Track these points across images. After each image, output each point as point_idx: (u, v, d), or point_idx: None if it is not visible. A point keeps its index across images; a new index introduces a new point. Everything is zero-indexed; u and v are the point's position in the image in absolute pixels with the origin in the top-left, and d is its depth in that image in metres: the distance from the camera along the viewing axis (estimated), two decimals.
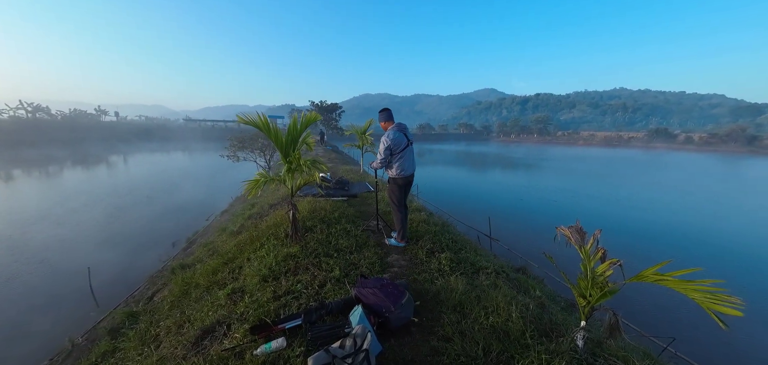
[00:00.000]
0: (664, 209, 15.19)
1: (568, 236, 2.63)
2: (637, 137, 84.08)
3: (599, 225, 9.79)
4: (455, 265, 3.39)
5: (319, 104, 49.38)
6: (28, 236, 9.77)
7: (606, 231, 9.16)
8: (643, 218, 13.32)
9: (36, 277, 7.24)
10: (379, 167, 3.90)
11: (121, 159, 34.56)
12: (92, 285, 6.92)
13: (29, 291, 6.79)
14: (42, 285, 7.01)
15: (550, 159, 41.45)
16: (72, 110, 71.78)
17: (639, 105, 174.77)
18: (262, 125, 3.98)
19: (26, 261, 8.04)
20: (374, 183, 5.61)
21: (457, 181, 22.61)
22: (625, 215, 13.84)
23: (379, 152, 3.84)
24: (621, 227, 12.07)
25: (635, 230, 11.70)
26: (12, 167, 26.28)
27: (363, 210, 5.66)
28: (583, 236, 2.64)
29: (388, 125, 3.90)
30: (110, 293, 6.39)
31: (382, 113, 4.00)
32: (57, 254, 8.54)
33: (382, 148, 3.75)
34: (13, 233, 9.97)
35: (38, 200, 14.96)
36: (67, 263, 8.05)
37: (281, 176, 4.16)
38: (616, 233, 11.07)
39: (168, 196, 15.90)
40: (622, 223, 12.59)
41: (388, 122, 3.91)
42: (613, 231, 11.26)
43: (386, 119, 3.94)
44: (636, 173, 29.26)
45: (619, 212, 14.39)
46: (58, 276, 7.48)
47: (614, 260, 2.38)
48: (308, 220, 4.73)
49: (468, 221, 9.69)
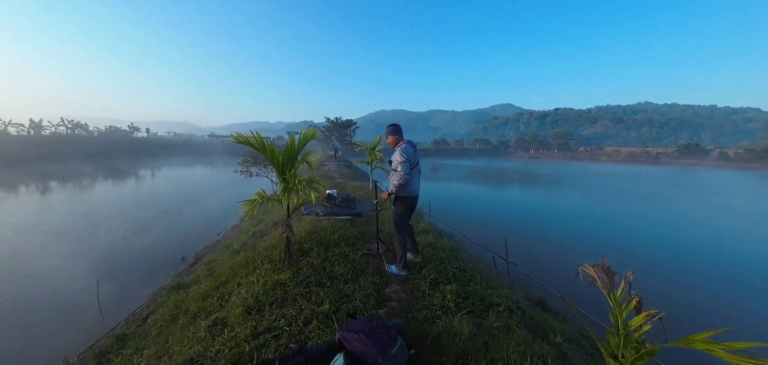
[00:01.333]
0: (713, 236, 12.68)
1: (594, 277, 2.21)
2: (665, 153, 79.84)
3: (632, 254, 8.89)
4: (462, 300, 2.99)
5: (335, 120, 50.14)
6: (51, 248, 10.06)
7: (638, 262, 8.26)
8: (687, 243, 11.70)
9: (45, 290, 7.31)
10: (402, 182, 3.49)
11: (148, 173, 36.06)
12: (99, 299, 6.96)
13: (41, 302, 6.87)
14: (55, 297, 7.07)
15: (572, 175, 39.77)
16: (107, 127, 76.59)
17: (666, 120, 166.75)
18: (257, 143, 3.81)
19: (43, 273, 8.20)
20: (381, 201, 5.31)
21: (472, 198, 21.84)
22: (663, 241, 11.94)
23: (394, 169, 3.54)
24: (658, 256, 10.19)
25: (678, 261, 9.81)
26: (49, 180, 28.00)
27: (366, 231, 5.35)
28: (612, 278, 2.21)
29: (397, 141, 3.69)
30: (118, 307, 6.38)
31: (391, 128, 3.78)
32: (73, 267, 8.68)
33: (397, 161, 3.47)
34: (44, 242, 10.32)
35: (65, 212, 15.58)
36: (83, 274, 8.16)
37: (277, 196, 3.95)
38: (652, 265, 9.56)
39: (186, 209, 16.23)
40: (659, 251, 10.67)
41: (397, 138, 3.71)
42: (648, 262, 9.72)
43: (394, 133, 3.73)
44: (672, 191, 27.27)
45: (654, 237, 12.52)
46: (70, 288, 7.56)
47: (653, 313, 1.94)
48: (306, 241, 4.47)
49: (483, 242, 9.16)
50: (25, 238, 11.14)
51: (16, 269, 8.40)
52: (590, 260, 2.46)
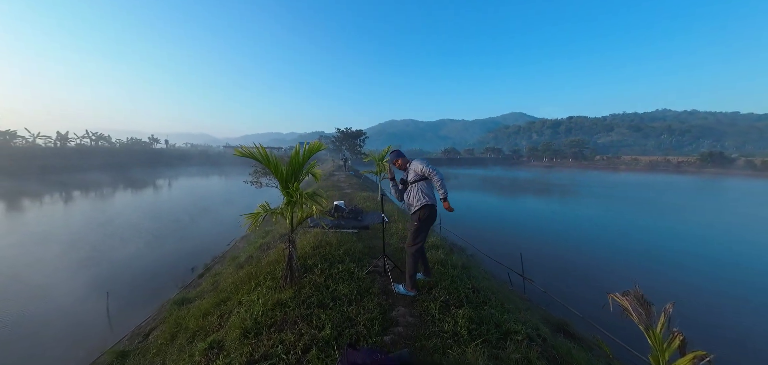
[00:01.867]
0: (756, 256, 11.27)
1: (627, 309, 1.94)
2: (687, 162, 76.71)
3: (664, 275, 8.13)
4: (475, 327, 2.74)
5: (345, 130, 50.53)
6: (67, 258, 10.25)
7: (672, 284, 7.50)
8: (727, 263, 10.38)
9: (55, 302, 7.37)
10: (446, 192, 3.33)
11: (165, 183, 37.03)
12: (109, 310, 6.99)
13: (51, 314, 6.92)
14: (63, 310, 7.12)
15: (592, 185, 38.45)
16: (129, 139, 79.71)
17: (686, 127, 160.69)
18: (261, 157, 3.70)
19: (55, 284, 8.31)
20: (391, 212, 5.11)
21: (485, 209, 21.26)
22: (698, 260, 10.55)
23: (415, 180, 3.45)
24: (694, 279, 8.93)
25: (718, 285, 8.56)
26: (71, 189, 29.11)
27: (373, 245, 5.13)
28: (649, 310, 1.93)
29: (404, 162, 3.75)
30: (126, 318, 6.40)
31: (395, 153, 3.88)
32: (85, 277, 8.78)
33: (428, 171, 3.39)
34: (61, 252, 10.56)
35: (82, 222, 16.00)
36: (94, 284, 8.24)
37: (280, 210, 3.82)
38: (688, 288, 8.30)
39: (200, 218, 16.43)
40: (695, 272, 9.44)
41: (404, 160, 3.77)
42: (683, 284, 8.51)
43: (399, 156, 3.82)
44: (700, 202, 25.77)
45: (687, 255, 11.12)
46: (80, 299, 7.63)
47: (701, 355, 1.66)
48: (309, 257, 4.29)
49: (497, 256, 8.78)
50: (44, 247, 11.45)
51: (30, 279, 8.56)
52: (615, 280, 2.19)
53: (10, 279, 8.53)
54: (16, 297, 7.46)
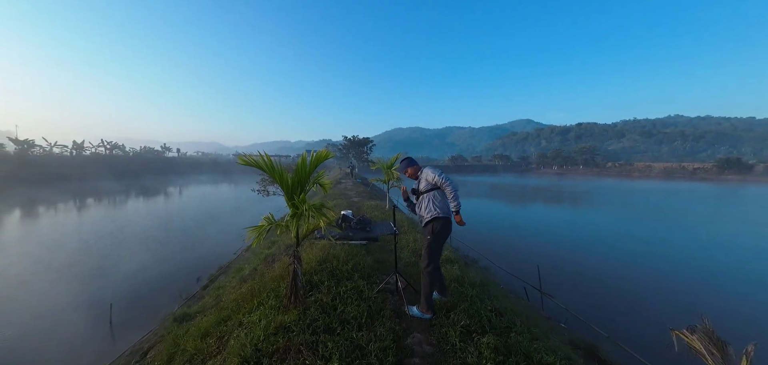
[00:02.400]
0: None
1: (699, 352, 1.60)
2: (704, 168, 74.43)
3: (712, 294, 7.21)
4: (502, 359, 2.41)
5: (352, 138, 50.61)
6: (74, 270, 10.20)
7: (725, 308, 6.53)
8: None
9: (59, 313, 7.23)
10: (459, 205, 3.13)
11: (176, 191, 37.47)
12: (112, 322, 6.83)
13: (63, 320, 6.83)
14: (66, 321, 6.98)
15: (606, 193, 37.36)
16: (142, 147, 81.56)
17: (700, 133, 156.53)
18: (266, 165, 3.48)
19: (60, 295, 8.21)
20: (402, 222, 4.80)
21: (496, 217, 20.69)
22: (749, 277, 9.43)
23: (446, 188, 3.16)
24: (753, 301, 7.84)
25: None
26: (86, 196, 29.67)
27: (382, 259, 4.83)
28: (725, 352, 1.59)
29: (416, 170, 3.55)
30: (131, 329, 6.28)
31: (406, 161, 3.67)
32: (91, 287, 8.67)
33: (441, 180, 3.16)
34: (70, 262, 10.52)
35: (92, 230, 16.09)
36: (99, 294, 8.12)
37: (285, 222, 3.57)
38: (743, 313, 7.16)
39: (208, 226, 16.39)
40: (749, 291, 8.38)
41: (416, 168, 3.58)
42: (739, 312, 7.21)
43: (411, 164, 3.62)
44: (730, 210, 24.37)
45: (735, 271, 9.93)
46: (85, 306, 7.50)
47: None
48: (316, 272, 4.02)
49: (510, 268, 8.37)
50: (53, 254, 11.46)
51: (38, 288, 8.49)
52: (647, 299, 1.84)
53: (20, 287, 8.49)
54: (21, 308, 7.36)
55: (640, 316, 7.17)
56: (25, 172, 42.87)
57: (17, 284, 8.75)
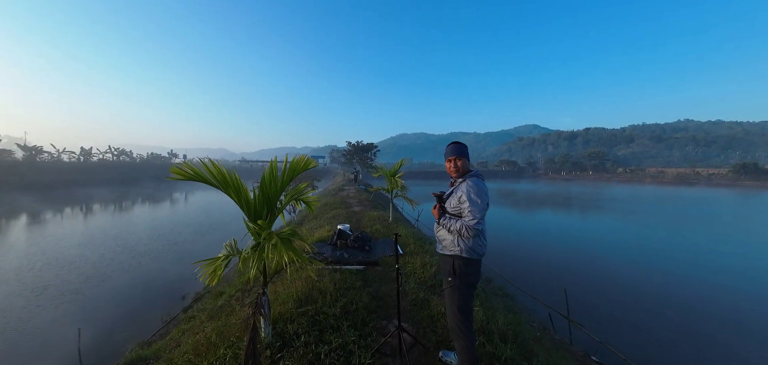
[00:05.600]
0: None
1: None
2: (718, 174, 71.94)
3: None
4: None
5: (356, 144, 49.85)
6: (64, 278, 9.36)
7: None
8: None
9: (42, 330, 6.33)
10: (473, 234, 2.10)
11: (181, 197, 36.89)
12: (80, 349, 5.91)
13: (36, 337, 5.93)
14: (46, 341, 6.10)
15: (622, 199, 35.65)
16: (149, 154, 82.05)
17: (712, 138, 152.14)
18: (215, 177, 2.51)
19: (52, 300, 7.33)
20: (406, 239, 3.79)
21: (507, 227, 19.40)
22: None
23: (469, 210, 2.10)
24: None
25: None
26: (92, 202, 29.24)
27: (382, 294, 3.79)
28: None
29: (463, 169, 2.30)
30: (104, 355, 5.43)
31: (456, 147, 2.32)
32: (70, 306, 7.79)
33: (476, 208, 2.08)
34: (58, 274, 9.68)
35: (86, 240, 15.34)
36: (79, 314, 7.25)
37: (245, 255, 2.59)
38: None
39: (210, 234, 15.61)
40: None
41: (464, 162, 2.30)
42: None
43: (461, 153, 2.29)
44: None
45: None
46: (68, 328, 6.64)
47: None
48: (292, 318, 3.01)
49: (532, 289, 7.24)
50: (45, 268, 10.63)
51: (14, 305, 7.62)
52: (696, 326, 0.87)
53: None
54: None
55: None
56: (34, 178, 42.91)
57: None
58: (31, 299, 8.13)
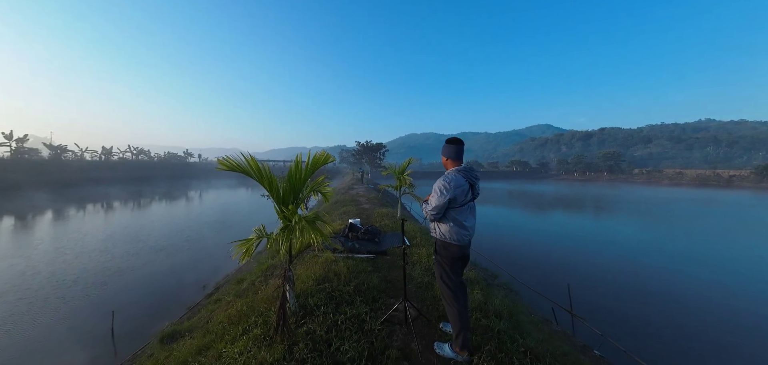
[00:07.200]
0: None
1: None
2: (741, 176, 69.33)
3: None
4: None
5: (365, 143, 50.42)
6: (86, 267, 10.12)
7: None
8: None
9: (77, 312, 7.02)
10: (431, 219, 2.62)
11: (196, 195, 38.29)
12: (114, 330, 6.51)
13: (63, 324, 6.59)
14: (83, 319, 6.76)
15: (639, 202, 34.57)
16: (166, 153, 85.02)
17: (734, 138, 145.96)
18: (253, 170, 2.99)
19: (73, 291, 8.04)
20: (414, 233, 4.18)
21: (516, 227, 19.49)
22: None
23: (428, 200, 2.61)
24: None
25: None
26: (113, 200, 30.74)
27: (391, 277, 4.23)
28: None
29: (450, 165, 2.67)
30: (133, 338, 5.97)
31: (449, 147, 2.72)
32: (106, 289, 8.48)
33: (434, 197, 2.51)
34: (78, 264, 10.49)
35: (108, 234, 16.32)
36: (112, 296, 7.92)
37: (275, 236, 3.06)
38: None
39: (226, 231, 16.31)
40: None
41: (452, 161, 2.68)
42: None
43: (451, 155, 2.67)
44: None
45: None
46: (96, 311, 7.28)
47: None
48: (312, 294, 3.48)
49: (537, 285, 7.51)
50: (60, 258, 11.47)
51: (44, 292, 8.36)
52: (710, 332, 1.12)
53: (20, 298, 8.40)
54: (24, 313, 7.20)
55: None
56: (59, 176, 45.22)
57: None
58: (62, 289, 8.87)
